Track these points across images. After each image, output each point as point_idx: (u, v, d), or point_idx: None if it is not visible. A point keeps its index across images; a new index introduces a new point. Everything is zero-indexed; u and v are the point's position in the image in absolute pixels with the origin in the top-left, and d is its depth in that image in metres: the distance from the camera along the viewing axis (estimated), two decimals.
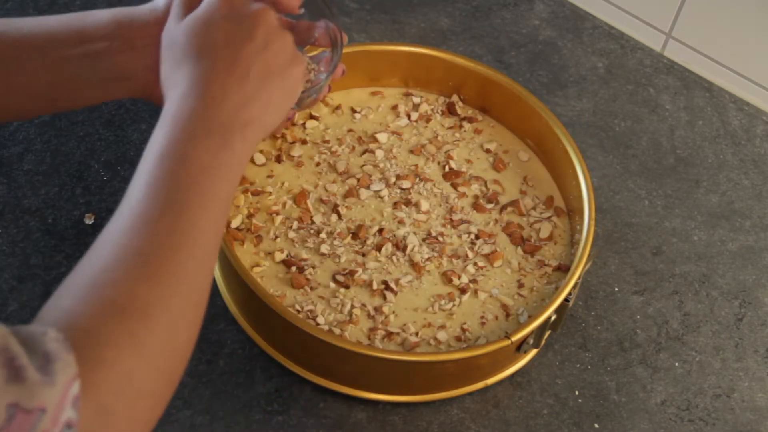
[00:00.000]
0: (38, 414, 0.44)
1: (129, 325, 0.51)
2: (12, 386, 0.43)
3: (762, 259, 0.96)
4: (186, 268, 0.55)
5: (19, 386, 0.44)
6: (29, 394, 0.44)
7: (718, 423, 0.84)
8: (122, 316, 0.51)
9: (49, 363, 0.46)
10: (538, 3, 1.17)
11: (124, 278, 0.53)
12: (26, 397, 0.44)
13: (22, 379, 0.44)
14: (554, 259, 0.89)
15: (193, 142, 0.59)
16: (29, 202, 0.92)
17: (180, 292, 0.54)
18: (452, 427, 0.82)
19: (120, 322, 0.51)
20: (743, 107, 1.08)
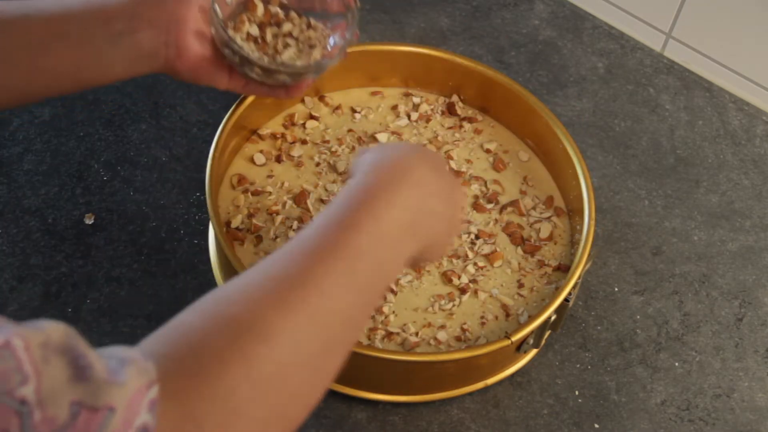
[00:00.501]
0: (106, 413, 0.43)
1: (243, 344, 0.48)
2: (75, 384, 0.42)
3: (762, 259, 0.96)
4: (323, 318, 0.52)
5: (83, 385, 0.43)
6: (94, 393, 0.43)
7: (718, 423, 0.84)
8: (238, 334, 0.49)
9: (122, 366, 0.45)
10: (538, 3, 1.17)
11: (255, 298, 0.51)
12: (91, 396, 0.43)
13: (86, 378, 0.43)
14: (554, 259, 0.89)
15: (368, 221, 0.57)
16: (29, 202, 0.92)
17: (309, 335, 0.51)
18: (452, 427, 0.82)
19: (235, 339, 0.49)
20: (743, 107, 1.08)
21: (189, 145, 0.98)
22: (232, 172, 0.92)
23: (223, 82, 0.79)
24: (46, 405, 0.41)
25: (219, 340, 0.48)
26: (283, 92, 0.82)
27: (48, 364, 0.42)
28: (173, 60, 0.74)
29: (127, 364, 0.45)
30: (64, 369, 0.43)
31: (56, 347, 0.43)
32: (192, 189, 0.94)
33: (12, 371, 0.40)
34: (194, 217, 0.92)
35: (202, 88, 1.03)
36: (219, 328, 0.49)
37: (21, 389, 0.41)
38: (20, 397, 0.40)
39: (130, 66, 0.73)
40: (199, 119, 1.00)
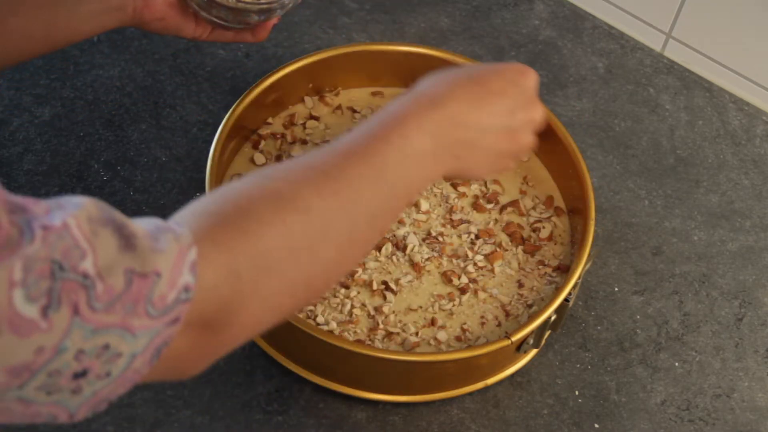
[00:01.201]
0: (154, 278, 0.46)
1: (284, 213, 0.54)
2: (125, 253, 0.46)
3: (762, 259, 0.96)
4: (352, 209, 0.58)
5: (131, 253, 0.46)
6: (142, 260, 0.46)
7: (718, 423, 0.84)
8: (280, 204, 0.54)
9: (159, 231, 0.49)
10: (538, 3, 1.17)
11: (297, 179, 0.56)
12: (140, 263, 0.46)
13: (133, 246, 0.46)
14: (554, 259, 0.89)
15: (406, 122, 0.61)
16: None
17: (339, 220, 0.57)
18: (452, 427, 0.82)
19: (277, 207, 0.54)
20: (743, 107, 1.08)
21: (189, 145, 0.98)
22: (232, 172, 0.92)
23: (189, 30, 0.80)
24: (105, 276, 0.44)
25: (261, 204, 0.54)
26: (249, 35, 0.83)
27: (98, 236, 0.45)
28: (140, 10, 0.76)
29: (162, 231, 0.49)
30: (112, 239, 0.46)
31: (99, 219, 0.46)
32: (192, 189, 0.94)
33: (72, 248, 0.43)
34: None
35: (203, 87, 1.03)
36: (262, 195, 0.54)
37: (82, 263, 0.44)
38: (83, 271, 0.44)
39: (100, 21, 0.75)
40: (199, 119, 1.00)
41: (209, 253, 0.50)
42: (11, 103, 1.00)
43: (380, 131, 0.60)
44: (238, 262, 0.51)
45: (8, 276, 0.41)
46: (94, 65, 1.04)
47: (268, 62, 1.06)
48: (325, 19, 1.12)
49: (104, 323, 0.45)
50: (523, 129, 0.67)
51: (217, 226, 0.52)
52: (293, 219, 0.54)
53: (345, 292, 0.84)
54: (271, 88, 0.93)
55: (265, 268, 0.53)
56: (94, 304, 0.44)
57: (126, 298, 0.45)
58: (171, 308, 0.48)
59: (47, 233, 0.43)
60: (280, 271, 0.54)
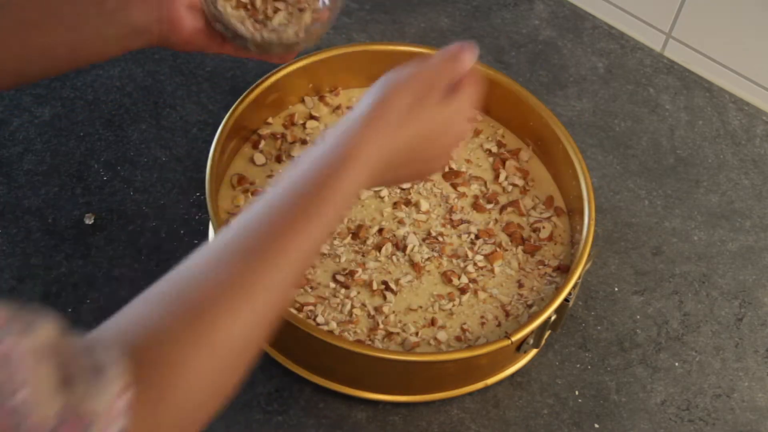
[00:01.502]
0: (89, 420, 0.44)
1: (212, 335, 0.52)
2: (63, 390, 0.44)
3: (762, 259, 0.96)
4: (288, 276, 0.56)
5: (69, 391, 0.44)
6: (80, 400, 0.44)
7: (718, 423, 0.84)
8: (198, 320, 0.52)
9: (102, 370, 0.46)
10: (538, 3, 1.17)
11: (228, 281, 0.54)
12: (77, 402, 0.44)
13: (73, 384, 0.44)
14: (554, 259, 0.89)
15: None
16: (29, 202, 0.92)
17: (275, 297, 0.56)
18: (452, 427, 0.82)
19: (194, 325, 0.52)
20: (743, 107, 1.08)
21: (189, 145, 0.98)
22: (232, 172, 0.92)
23: (215, 48, 0.80)
24: (37, 410, 0.42)
25: (179, 342, 0.51)
26: (276, 57, 0.84)
27: (39, 368, 0.43)
28: (167, 34, 0.75)
29: (105, 368, 0.46)
30: (53, 374, 0.44)
31: (47, 350, 0.44)
32: (192, 189, 0.94)
33: (8, 379, 0.42)
34: (194, 217, 0.92)
35: (203, 87, 1.03)
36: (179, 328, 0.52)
37: (16, 396, 0.42)
38: (14, 406, 0.42)
39: (125, 42, 0.74)
40: (199, 119, 1.00)
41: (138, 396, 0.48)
42: (11, 103, 1.00)
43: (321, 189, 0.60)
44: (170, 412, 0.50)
45: None
46: (94, 65, 1.04)
47: (268, 62, 1.06)
48: None
49: None
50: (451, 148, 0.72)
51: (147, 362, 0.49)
52: (221, 338, 0.53)
53: (345, 292, 0.84)
54: (271, 88, 0.93)
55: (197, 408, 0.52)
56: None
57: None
58: None
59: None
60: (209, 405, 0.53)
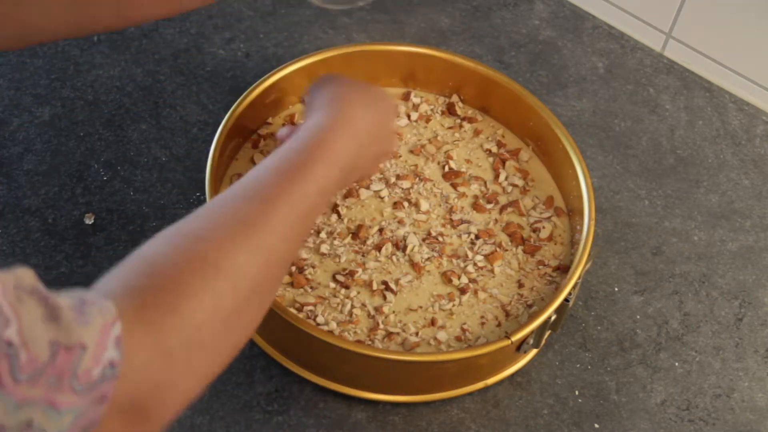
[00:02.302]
0: (79, 351, 0.45)
1: (213, 282, 0.53)
2: (49, 324, 0.44)
3: (762, 259, 0.96)
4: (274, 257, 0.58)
5: (55, 324, 0.44)
6: (66, 332, 0.44)
7: (718, 423, 0.84)
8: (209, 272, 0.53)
9: (84, 305, 0.47)
10: (538, 3, 1.17)
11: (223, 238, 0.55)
12: (65, 335, 0.44)
13: (57, 317, 0.44)
14: (554, 259, 0.89)
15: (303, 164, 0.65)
16: (29, 202, 0.92)
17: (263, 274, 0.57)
18: (452, 427, 0.82)
19: (205, 277, 0.53)
20: (743, 107, 1.08)
21: (189, 145, 0.98)
22: (232, 172, 0.92)
23: None
24: (29, 345, 0.43)
25: (188, 275, 0.52)
26: None
27: (23, 304, 0.43)
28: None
29: (87, 305, 0.47)
30: (37, 309, 0.44)
31: (27, 288, 0.44)
32: (192, 189, 0.94)
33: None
34: None
35: (203, 87, 1.03)
36: (189, 263, 0.53)
37: (5, 331, 0.42)
38: (6, 340, 0.42)
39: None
40: (199, 119, 1.00)
41: (136, 330, 0.48)
42: (11, 103, 1.00)
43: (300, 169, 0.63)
44: (169, 341, 0.50)
45: None
46: (94, 65, 1.04)
47: (268, 62, 1.06)
48: (325, 19, 1.12)
49: (28, 397, 0.43)
50: None
51: (144, 302, 0.50)
52: (222, 287, 0.53)
53: (345, 292, 0.84)
54: (271, 88, 0.93)
55: (198, 343, 0.52)
56: (18, 374, 0.42)
57: (50, 371, 0.43)
58: (96, 384, 0.46)
59: None
60: (212, 345, 0.53)
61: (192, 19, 1.10)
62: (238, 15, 1.12)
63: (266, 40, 1.09)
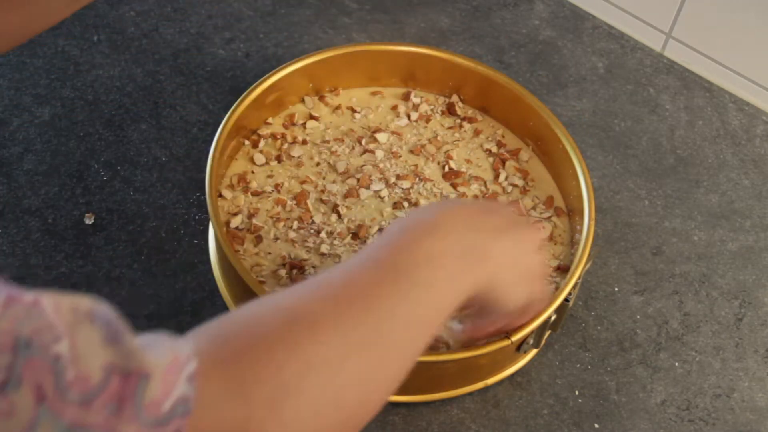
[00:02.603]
0: (139, 380, 0.42)
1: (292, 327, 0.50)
2: (107, 347, 0.41)
3: (762, 259, 0.96)
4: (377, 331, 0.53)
5: (114, 348, 0.42)
6: (126, 357, 0.42)
7: (718, 423, 0.84)
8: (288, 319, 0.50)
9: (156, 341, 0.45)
10: (538, 3, 1.17)
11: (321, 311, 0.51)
12: (123, 360, 0.42)
13: (118, 341, 0.42)
14: (554, 259, 0.89)
15: None
16: (29, 202, 0.92)
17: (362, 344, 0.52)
18: (452, 427, 0.82)
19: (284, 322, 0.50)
20: (743, 107, 1.08)
21: (189, 145, 0.98)
22: (232, 172, 0.92)
23: None
24: (80, 363, 0.40)
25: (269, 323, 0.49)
26: None
27: (79, 326, 0.41)
28: None
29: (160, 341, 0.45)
30: (95, 332, 0.41)
31: (86, 312, 0.42)
32: (192, 189, 0.94)
33: (44, 328, 0.40)
34: (194, 217, 0.92)
35: (203, 87, 1.03)
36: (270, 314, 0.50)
37: (55, 346, 0.40)
38: (55, 354, 0.39)
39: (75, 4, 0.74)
40: (199, 119, 1.00)
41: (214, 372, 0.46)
42: (11, 103, 1.00)
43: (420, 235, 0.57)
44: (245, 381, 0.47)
45: None
46: (94, 65, 1.04)
47: (268, 62, 1.06)
48: (325, 19, 1.12)
49: (81, 422, 0.40)
50: None
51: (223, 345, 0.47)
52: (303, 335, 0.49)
53: None
54: (271, 88, 0.93)
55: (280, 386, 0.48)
56: (65, 392, 0.39)
57: (106, 396, 0.40)
58: (168, 419, 0.43)
59: (11, 303, 0.39)
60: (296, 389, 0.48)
61: (192, 19, 1.10)
62: (238, 15, 1.12)
63: (266, 40, 1.09)
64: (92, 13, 1.09)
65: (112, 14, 1.10)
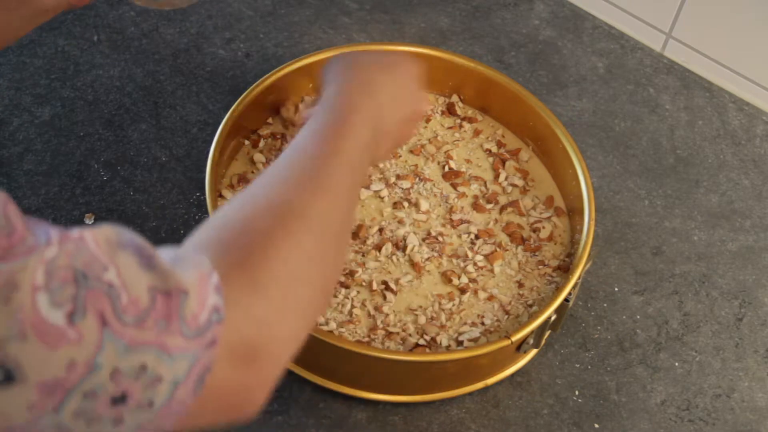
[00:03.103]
0: (181, 296, 0.46)
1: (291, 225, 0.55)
2: (146, 271, 0.45)
3: (762, 259, 0.96)
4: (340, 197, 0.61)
5: (152, 272, 0.45)
6: (164, 279, 0.45)
7: (718, 423, 0.84)
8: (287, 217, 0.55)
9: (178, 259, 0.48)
10: (538, 3, 1.17)
11: (288, 189, 0.58)
12: (162, 281, 0.45)
13: (153, 265, 0.45)
14: (554, 259, 0.89)
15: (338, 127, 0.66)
16: (29, 202, 0.92)
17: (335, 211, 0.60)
18: (452, 427, 0.82)
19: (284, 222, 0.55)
20: (743, 107, 1.08)
21: (189, 145, 0.98)
22: (232, 172, 0.92)
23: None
24: (129, 288, 0.44)
25: (268, 222, 0.55)
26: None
27: (117, 255, 0.44)
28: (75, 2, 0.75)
29: (180, 259, 0.49)
30: (131, 258, 0.45)
31: (118, 242, 0.45)
32: (192, 189, 0.94)
33: (93, 260, 0.43)
34: (194, 217, 0.92)
35: (203, 87, 1.03)
36: (265, 213, 0.55)
37: (105, 274, 0.43)
38: (108, 281, 0.43)
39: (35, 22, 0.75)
40: (199, 119, 1.00)
41: (232, 277, 0.50)
42: (11, 103, 1.00)
43: (337, 130, 0.65)
44: (264, 282, 0.51)
45: (31, 279, 0.40)
46: (94, 65, 1.04)
47: (268, 62, 1.06)
48: (325, 19, 1.12)
49: (138, 340, 0.43)
50: None
51: (233, 252, 0.52)
52: (300, 229, 0.55)
53: (345, 292, 0.84)
54: (271, 88, 0.93)
55: (292, 281, 0.53)
56: (122, 316, 0.43)
57: (155, 315, 0.44)
58: (205, 329, 0.47)
59: (64, 239, 0.42)
60: (304, 282, 0.55)
61: (192, 19, 1.10)
62: (238, 15, 1.12)
63: (266, 40, 1.09)
64: (92, 13, 1.09)
65: (112, 14, 1.10)
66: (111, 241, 0.45)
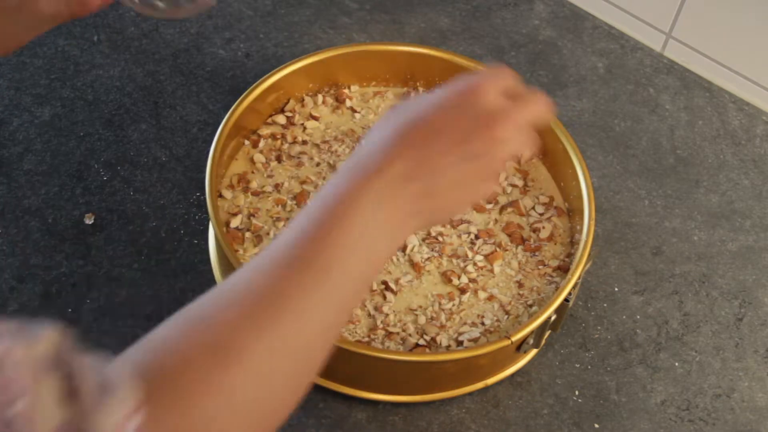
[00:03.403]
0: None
1: (220, 369, 0.49)
2: (65, 406, 0.42)
3: (762, 259, 0.96)
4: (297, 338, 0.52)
5: (73, 407, 0.42)
6: (83, 417, 0.42)
7: (718, 423, 0.84)
8: (215, 358, 0.49)
9: (109, 389, 0.44)
10: (538, 3, 1.17)
11: (230, 321, 0.50)
12: (80, 420, 0.42)
13: (76, 395, 0.42)
14: (554, 259, 0.89)
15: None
16: (29, 202, 0.92)
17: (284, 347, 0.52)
18: (452, 427, 0.82)
19: (212, 363, 0.49)
20: (743, 107, 1.08)
21: (189, 145, 0.98)
22: (232, 172, 0.92)
23: None
24: (38, 424, 0.40)
25: (197, 365, 0.49)
26: None
27: (41, 380, 0.41)
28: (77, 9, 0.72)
29: (114, 388, 0.45)
30: (55, 386, 0.42)
31: (50, 361, 0.42)
32: (192, 189, 0.94)
33: (4, 387, 0.40)
34: (194, 217, 0.92)
35: (203, 87, 1.03)
36: (197, 352, 0.49)
37: (13, 406, 0.40)
38: (11, 416, 0.40)
39: (35, 30, 0.73)
40: (199, 119, 1.00)
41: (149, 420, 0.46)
42: (11, 103, 1.00)
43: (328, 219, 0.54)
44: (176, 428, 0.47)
45: None
46: (94, 65, 1.04)
47: (268, 62, 1.06)
48: (325, 19, 1.12)
49: None
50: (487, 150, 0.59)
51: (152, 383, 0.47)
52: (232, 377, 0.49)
53: None
54: (271, 88, 0.93)
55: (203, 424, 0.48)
56: None
57: None
58: None
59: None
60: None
61: (192, 19, 1.10)
62: (238, 15, 1.12)
63: (266, 40, 1.09)
64: None
65: (112, 14, 1.10)
66: (46, 358, 0.41)
